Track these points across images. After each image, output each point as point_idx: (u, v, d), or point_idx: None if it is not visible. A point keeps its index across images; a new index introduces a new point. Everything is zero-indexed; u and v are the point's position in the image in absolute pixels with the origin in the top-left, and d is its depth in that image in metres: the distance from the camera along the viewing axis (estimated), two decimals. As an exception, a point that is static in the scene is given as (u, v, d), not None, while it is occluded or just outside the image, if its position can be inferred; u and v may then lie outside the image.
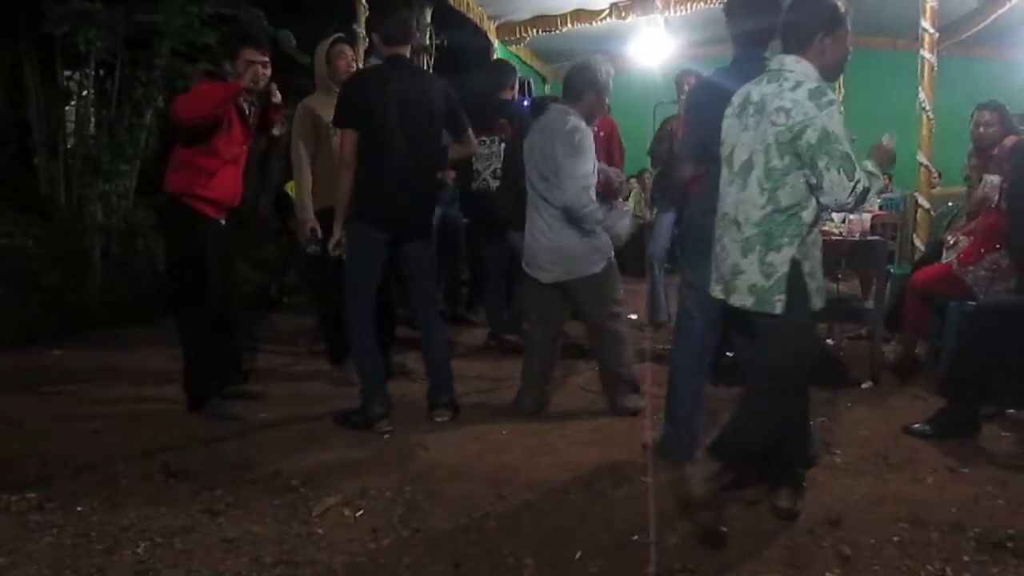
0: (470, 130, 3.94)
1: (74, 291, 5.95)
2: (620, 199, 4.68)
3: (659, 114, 5.89)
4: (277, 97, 3.95)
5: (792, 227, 2.59)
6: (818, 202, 2.59)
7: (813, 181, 2.54)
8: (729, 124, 2.79)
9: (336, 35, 4.49)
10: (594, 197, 3.79)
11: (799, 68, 2.62)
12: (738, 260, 2.67)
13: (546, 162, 3.78)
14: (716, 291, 2.81)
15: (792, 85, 2.57)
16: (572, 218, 3.76)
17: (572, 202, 3.71)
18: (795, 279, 2.60)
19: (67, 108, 6.88)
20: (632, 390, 3.93)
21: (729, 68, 3.21)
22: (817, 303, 2.67)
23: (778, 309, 2.60)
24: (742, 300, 2.67)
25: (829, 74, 2.67)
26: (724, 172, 2.80)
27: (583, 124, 3.79)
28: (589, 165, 3.76)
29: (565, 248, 3.82)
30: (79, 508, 2.84)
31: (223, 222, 3.88)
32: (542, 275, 3.90)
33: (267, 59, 3.80)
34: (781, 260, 2.60)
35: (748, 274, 2.65)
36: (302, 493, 2.98)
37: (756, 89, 2.69)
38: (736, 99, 2.78)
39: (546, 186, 3.80)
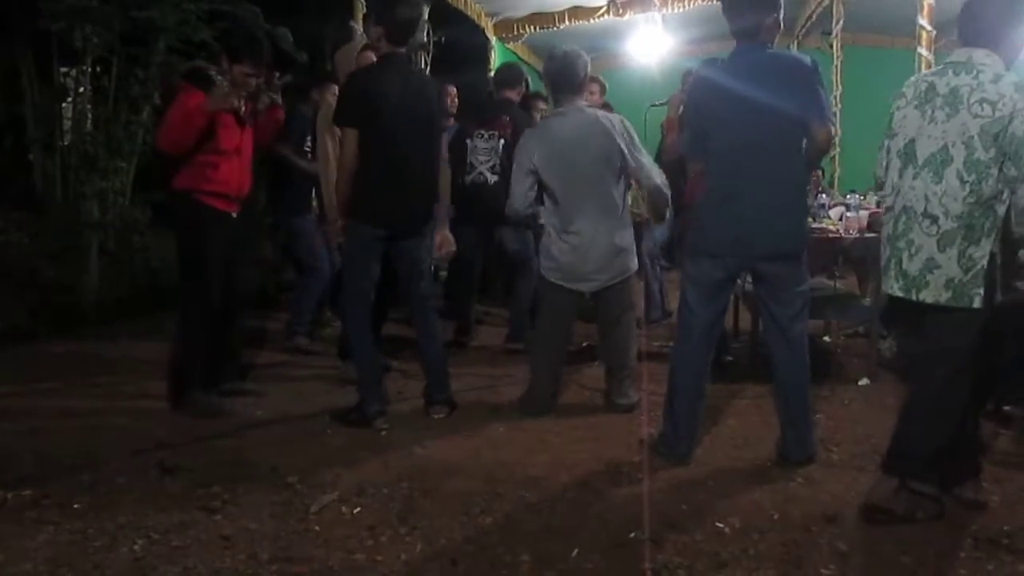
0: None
1: (70, 288, 5.93)
2: None
3: (651, 117, 5.78)
4: (264, 103, 3.95)
5: (990, 219, 2.58)
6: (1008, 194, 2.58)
7: (1014, 173, 2.54)
8: (904, 115, 2.74)
9: (365, 41, 4.49)
10: None
11: (991, 61, 2.63)
12: (934, 254, 2.62)
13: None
14: (894, 288, 2.73)
15: (992, 77, 2.58)
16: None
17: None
18: (991, 272, 2.59)
19: (63, 105, 6.86)
20: (633, 385, 3.93)
21: (728, 60, 3.18)
22: (999, 294, 2.65)
23: (976, 303, 2.58)
24: (936, 296, 2.62)
25: (1009, 66, 2.68)
26: (896, 164, 2.75)
27: None
28: None
29: (612, 250, 3.82)
30: (76, 505, 2.84)
31: (234, 215, 3.87)
32: (587, 285, 3.85)
33: (260, 72, 3.83)
34: (981, 253, 2.58)
35: (945, 268, 2.60)
36: (299, 490, 2.98)
37: (941, 80, 2.66)
38: (911, 90, 2.75)
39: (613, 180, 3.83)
